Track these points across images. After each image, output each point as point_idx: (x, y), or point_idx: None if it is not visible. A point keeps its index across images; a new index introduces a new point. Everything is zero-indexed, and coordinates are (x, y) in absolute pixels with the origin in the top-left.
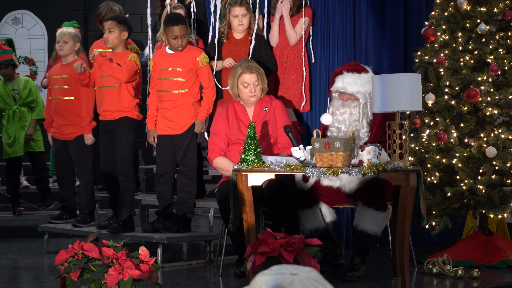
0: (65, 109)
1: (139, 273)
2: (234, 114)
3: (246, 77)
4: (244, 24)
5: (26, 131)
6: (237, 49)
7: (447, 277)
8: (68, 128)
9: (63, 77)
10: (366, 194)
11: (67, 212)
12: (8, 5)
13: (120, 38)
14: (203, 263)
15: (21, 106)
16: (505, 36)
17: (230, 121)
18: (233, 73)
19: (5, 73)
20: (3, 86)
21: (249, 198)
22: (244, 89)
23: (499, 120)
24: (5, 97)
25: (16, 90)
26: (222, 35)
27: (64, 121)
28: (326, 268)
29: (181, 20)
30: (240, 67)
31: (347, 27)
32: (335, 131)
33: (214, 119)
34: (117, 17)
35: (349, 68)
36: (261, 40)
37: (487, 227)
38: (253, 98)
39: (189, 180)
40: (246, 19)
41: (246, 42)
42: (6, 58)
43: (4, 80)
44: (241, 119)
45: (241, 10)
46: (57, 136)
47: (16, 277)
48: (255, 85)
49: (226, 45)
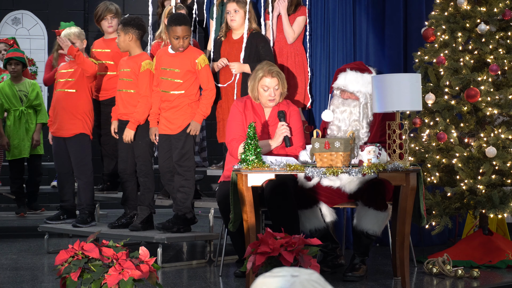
0: (66, 101)
1: (139, 273)
2: (252, 110)
3: (266, 81)
4: (237, 20)
5: (33, 135)
6: (234, 49)
7: (447, 277)
8: (68, 123)
9: (69, 71)
10: (366, 194)
11: (65, 212)
12: (8, 5)
13: (127, 41)
14: (203, 263)
15: (28, 108)
16: (505, 36)
17: (247, 115)
18: (253, 76)
19: (15, 70)
20: (10, 86)
21: (249, 198)
22: (264, 93)
23: (499, 120)
24: (11, 98)
25: (23, 91)
26: (220, 34)
27: (64, 114)
28: (326, 268)
29: (185, 21)
30: (261, 70)
31: (347, 27)
32: (335, 130)
33: (230, 111)
34: (122, 20)
35: (353, 66)
36: (259, 38)
37: (487, 227)
38: (271, 103)
39: (186, 180)
40: (238, 15)
41: (243, 42)
42: (18, 55)
43: (11, 80)
44: (257, 117)
45: (232, 5)
46: (57, 133)
47: (16, 277)
48: (275, 89)
49: (224, 45)
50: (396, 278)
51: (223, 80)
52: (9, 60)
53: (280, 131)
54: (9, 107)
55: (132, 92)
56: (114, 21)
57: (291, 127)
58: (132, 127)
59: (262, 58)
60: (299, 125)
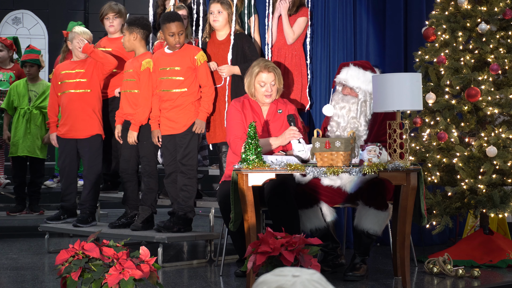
0: (81, 102)
1: (139, 273)
2: (250, 109)
3: (263, 76)
4: (220, 21)
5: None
6: (220, 50)
7: (447, 277)
8: (84, 125)
9: (79, 72)
10: (367, 194)
11: (65, 212)
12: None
13: (132, 40)
14: (204, 263)
15: (33, 108)
16: (505, 36)
17: (246, 115)
18: (250, 72)
19: (30, 72)
20: (24, 85)
21: (250, 197)
22: (260, 88)
23: (500, 119)
24: (21, 96)
25: (33, 92)
26: (205, 35)
27: (79, 115)
28: (326, 268)
29: (177, 17)
30: (257, 66)
31: (348, 26)
32: (335, 126)
33: (229, 111)
34: (128, 20)
35: (357, 63)
36: (244, 38)
37: (487, 226)
38: (268, 99)
39: (189, 179)
40: (222, 17)
41: (229, 43)
42: (33, 57)
43: (27, 80)
44: (255, 116)
45: (216, 6)
46: (68, 135)
47: (17, 277)
48: (272, 84)
49: (210, 46)
50: (396, 278)
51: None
52: (24, 62)
53: (290, 134)
54: (18, 105)
55: (136, 92)
56: (116, 21)
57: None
58: (134, 129)
59: (248, 58)
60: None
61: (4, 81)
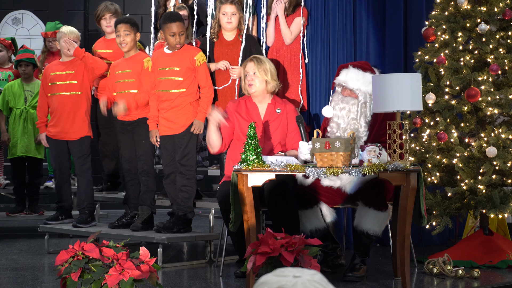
0: (72, 105)
1: (139, 274)
2: (246, 111)
3: (226, 8)
4: (233, 23)
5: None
6: (229, 51)
7: (447, 277)
8: (74, 127)
9: (69, 73)
10: (367, 194)
11: (63, 212)
12: (8, 5)
13: (135, 40)
14: (204, 263)
15: (30, 108)
16: (505, 36)
17: (241, 116)
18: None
19: (25, 71)
20: (19, 85)
21: (250, 198)
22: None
23: (500, 119)
24: (17, 97)
25: (29, 91)
26: (212, 35)
27: (69, 118)
28: (326, 268)
29: (178, 18)
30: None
31: (347, 26)
32: (335, 127)
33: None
34: (129, 20)
35: (356, 64)
36: (252, 40)
37: (487, 227)
38: (251, 89)
39: (189, 180)
40: (235, 18)
41: (237, 44)
42: (27, 56)
43: (22, 80)
44: (252, 117)
45: (231, 8)
46: (58, 136)
47: (16, 278)
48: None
49: (218, 46)
50: (396, 278)
51: (219, 82)
52: (19, 61)
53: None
54: (14, 105)
55: (135, 93)
56: (112, 21)
57: (288, 126)
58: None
59: None
60: (296, 124)
61: (3, 80)
